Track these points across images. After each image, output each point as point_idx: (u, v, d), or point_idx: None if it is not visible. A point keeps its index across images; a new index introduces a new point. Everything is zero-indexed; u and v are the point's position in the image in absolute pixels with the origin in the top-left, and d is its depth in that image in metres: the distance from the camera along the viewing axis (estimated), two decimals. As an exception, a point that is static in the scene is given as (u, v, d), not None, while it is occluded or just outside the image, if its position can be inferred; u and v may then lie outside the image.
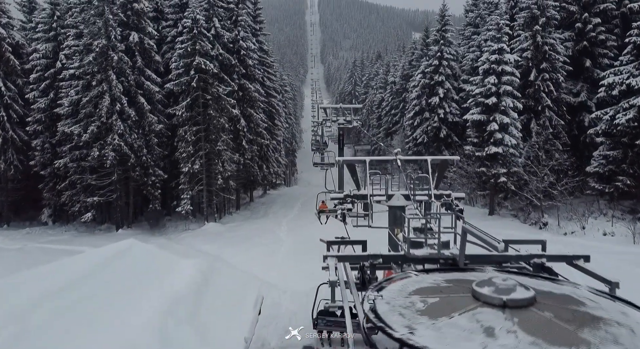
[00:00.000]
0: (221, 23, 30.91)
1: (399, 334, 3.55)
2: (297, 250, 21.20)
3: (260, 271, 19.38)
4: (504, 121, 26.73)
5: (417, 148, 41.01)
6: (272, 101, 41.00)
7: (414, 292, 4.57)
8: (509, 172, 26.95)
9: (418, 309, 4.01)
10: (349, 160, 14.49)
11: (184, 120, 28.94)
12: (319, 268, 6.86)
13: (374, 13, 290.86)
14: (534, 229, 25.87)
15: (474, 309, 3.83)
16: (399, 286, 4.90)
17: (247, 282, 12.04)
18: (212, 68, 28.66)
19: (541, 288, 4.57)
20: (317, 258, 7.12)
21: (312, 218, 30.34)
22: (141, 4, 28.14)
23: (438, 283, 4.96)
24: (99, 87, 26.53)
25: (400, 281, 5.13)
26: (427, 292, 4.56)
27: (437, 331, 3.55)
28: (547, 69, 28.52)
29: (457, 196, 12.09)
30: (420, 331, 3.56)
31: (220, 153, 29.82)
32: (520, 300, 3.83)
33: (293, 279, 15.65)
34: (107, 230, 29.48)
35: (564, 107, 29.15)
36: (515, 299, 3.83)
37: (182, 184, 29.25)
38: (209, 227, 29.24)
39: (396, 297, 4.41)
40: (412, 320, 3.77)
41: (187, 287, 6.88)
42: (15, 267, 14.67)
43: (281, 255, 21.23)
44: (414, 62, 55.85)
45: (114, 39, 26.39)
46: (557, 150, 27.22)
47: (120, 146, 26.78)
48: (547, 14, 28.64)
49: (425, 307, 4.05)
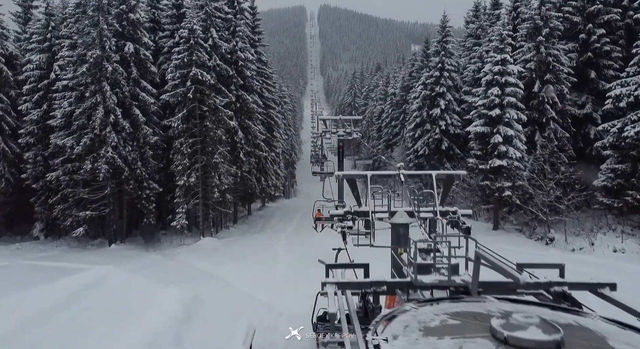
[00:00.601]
0: (219, 33, 30.39)
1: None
2: (295, 268, 20.39)
3: (256, 290, 18.59)
4: (508, 133, 26.06)
5: (418, 161, 40.37)
6: (270, 112, 40.40)
7: (424, 331, 3.87)
8: (514, 185, 26.21)
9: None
10: (349, 174, 13.67)
11: (179, 132, 28.25)
12: (317, 287, 6.63)
13: (373, 25, 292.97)
14: (540, 245, 25.04)
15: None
16: (405, 321, 4.18)
17: (240, 307, 11.23)
18: (209, 79, 28.06)
19: (567, 323, 3.98)
20: (316, 275, 6.98)
21: (311, 232, 29.45)
22: (137, 14, 27.62)
23: (450, 318, 4.25)
24: (93, 99, 25.88)
25: (406, 316, 4.38)
26: (438, 332, 3.85)
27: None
28: (551, 80, 27.95)
29: (463, 213, 11.34)
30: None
31: (217, 166, 29.08)
32: (549, 342, 3.25)
33: (290, 299, 14.89)
34: (100, 245, 28.60)
35: (568, 119, 28.52)
36: (543, 342, 3.23)
37: (178, 198, 28.45)
38: (204, 242, 28.36)
39: (402, 340, 3.69)
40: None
41: (166, 324, 6.11)
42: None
43: (278, 273, 20.39)
44: (414, 73, 55.49)
45: (108, 49, 25.81)
46: (562, 163, 26.51)
47: (113, 158, 26.04)
48: (551, 24, 28.16)
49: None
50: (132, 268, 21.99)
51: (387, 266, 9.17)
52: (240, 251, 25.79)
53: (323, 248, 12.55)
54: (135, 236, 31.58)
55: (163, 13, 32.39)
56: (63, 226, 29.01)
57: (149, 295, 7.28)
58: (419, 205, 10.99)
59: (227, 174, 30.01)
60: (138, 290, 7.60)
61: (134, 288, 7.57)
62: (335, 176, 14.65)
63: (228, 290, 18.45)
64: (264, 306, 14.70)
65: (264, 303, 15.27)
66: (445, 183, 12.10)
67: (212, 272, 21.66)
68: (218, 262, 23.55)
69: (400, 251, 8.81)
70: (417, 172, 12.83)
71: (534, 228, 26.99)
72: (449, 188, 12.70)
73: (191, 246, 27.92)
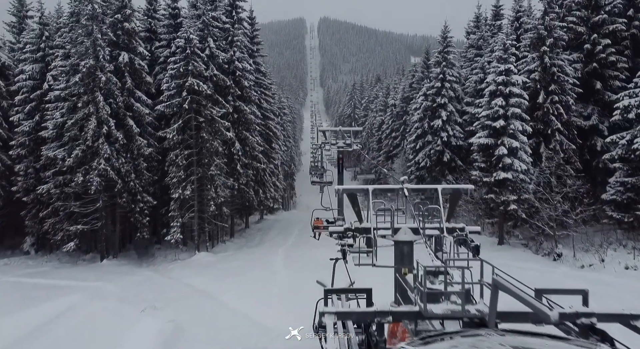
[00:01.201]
0: (216, 43, 29.80)
1: None
2: (294, 284, 19.51)
3: (251, 309, 17.72)
4: (513, 145, 25.30)
5: (420, 173, 39.60)
6: (269, 124, 39.72)
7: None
8: (520, 198, 25.37)
9: None
10: (350, 189, 12.78)
11: (175, 143, 27.50)
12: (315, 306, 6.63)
13: (372, 38, 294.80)
14: (548, 260, 24.12)
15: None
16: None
17: (232, 332, 10.34)
18: (205, 89, 27.38)
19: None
20: (315, 293, 6.79)
21: (310, 246, 28.59)
22: (132, 24, 27.02)
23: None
24: (85, 109, 25.15)
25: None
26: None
27: None
28: (556, 91, 27.29)
29: (471, 230, 10.51)
30: None
31: (213, 178, 28.28)
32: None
33: (288, 320, 13.96)
34: (92, 260, 27.64)
35: (574, 130, 27.79)
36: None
37: (172, 211, 27.61)
38: (199, 257, 27.45)
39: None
40: None
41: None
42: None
43: (276, 289, 19.48)
44: (414, 84, 55.06)
45: (102, 59, 25.15)
46: (569, 176, 25.72)
47: (106, 171, 25.23)
48: (555, 34, 27.58)
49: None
50: (122, 285, 21.11)
51: (389, 284, 8.50)
52: (236, 266, 24.88)
53: (322, 263, 11.85)
54: (129, 251, 30.64)
55: (160, 23, 31.85)
56: (54, 241, 28.09)
57: (124, 329, 6.43)
58: (424, 221, 10.27)
59: (224, 187, 29.19)
60: (111, 324, 6.75)
61: (105, 321, 6.73)
62: (335, 190, 13.77)
63: (220, 311, 17.54)
64: (259, 328, 13.83)
65: (260, 324, 14.41)
66: (451, 198, 11.31)
67: (206, 289, 20.77)
68: (213, 278, 22.65)
69: (404, 271, 8.19)
70: (422, 187, 11.98)
71: (540, 243, 26.10)
72: (455, 204, 11.88)
73: (186, 262, 27.00)
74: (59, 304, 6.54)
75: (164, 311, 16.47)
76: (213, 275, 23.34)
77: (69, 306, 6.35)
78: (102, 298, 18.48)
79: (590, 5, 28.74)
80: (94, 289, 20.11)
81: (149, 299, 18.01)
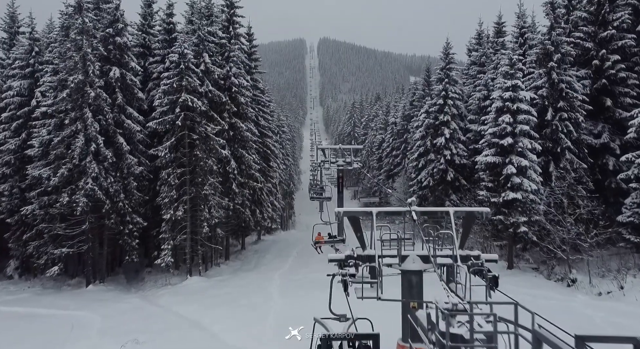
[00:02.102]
0: (212, 58, 28.84)
1: None
2: (290, 316, 17.94)
3: (244, 343, 16.33)
4: (522, 164, 24.06)
5: (423, 192, 38.28)
6: (266, 141, 38.57)
7: None
8: (530, 220, 24.00)
9: None
10: (352, 211, 11.39)
11: (167, 161, 26.26)
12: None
13: (372, 58, 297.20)
14: (561, 287, 22.63)
15: None
16: None
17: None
18: (200, 105, 26.29)
19: None
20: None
21: (308, 270, 27.11)
22: (124, 38, 26.06)
23: None
24: (73, 126, 23.98)
25: None
26: None
27: None
28: (564, 108, 26.21)
29: (488, 258, 9.21)
30: None
31: (207, 198, 26.96)
32: None
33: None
34: (77, 286, 26.07)
35: (585, 149, 26.61)
36: None
37: (163, 233, 26.19)
38: (191, 282, 25.93)
39: None
40: None
41: None
42: None
43: (271, 321, 18.06)
44: (415, 102, 54.16)
45: (92, 74, 24.08)
46: (581, 197, 24.42)
47: (93, 191, 23.92)
48: (562, 50, 26.62)
49: None
50: (105, 314, 19.62)
51: (393, 311, 7.25)
52: (229, 293, 23.39)
53: (321, 287, 10.62)
54: (118, 275, 29.09)
55: (154, 38, 30.95)
56: (37, 265, 26.59)
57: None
58: (435, 248, 9.06)
59: (218, 207, 27.84)
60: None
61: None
62: (335, 213, 12.38)
63: (210, 345, 16.09)
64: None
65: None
66: (464, 222, 9.99)
67: (197, 319, 19.32)
68: (204, 307, 21.18)
69: (413, 305, 7.10)
70: (432, 209, 10.68)
71: (552, 267, 24.65)
72: (469, 228, 10.52)
73: (176, 287, 25.46)
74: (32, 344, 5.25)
75: (146, 347, 15.00)
76: (204, 303, 21.86)
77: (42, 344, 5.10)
78: (81, 330, 16.99)
79: (597, 21, 27.90)
80: (75, 319, 18.63)
81: (132, 331, 16.58)
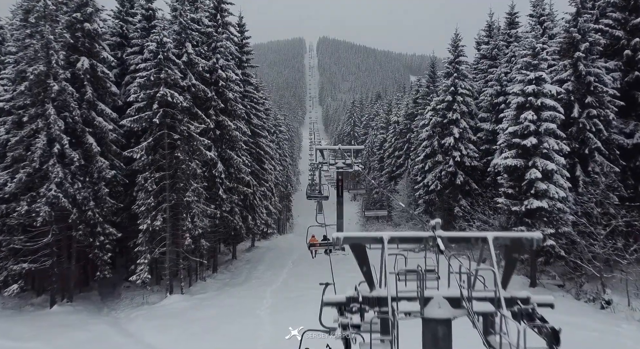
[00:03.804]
0: (196, 49, 25.78)
1: None
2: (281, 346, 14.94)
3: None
4: (548, 167, 21.00)
5: (429, 197, 35.28)
6: (260, 141, 35.50)
7: None
8: (557, 232, 20.95)
9: None
10: (355, 238, 8.08)
11: (144, 164, 23.21)
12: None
13: (371, 57, 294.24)
14: (593, 309, 19.58)
15: None
16: None
17: None
18: (181, 101, 23.23)
19: None
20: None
21: (304, 285, 23.80)
22: (95, 24, 22.96)
23: None
24: (33, 124, 20.91)
25: None
26: None
27: None
28: (593, 104, 23.19)
29: (542, 302, 6.08)
30: None
31: (189, 206, 23.91)
32: None
33: None
34: (42, 305, 22.96)
35: (615, 149, 23.60)
36: None
37: (140, 245, 23.13)
38: (171, 302, 22.86)
39: None
40: None
41: None
42: None
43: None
44: (419, 99, 51.08)
45: (55, 64, 20.99)
46: (610, 205, 21.40)
47: (57, 198, 20.84)
48: (590, 38, 23.58)
49: None
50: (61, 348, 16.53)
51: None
52: (212, 316, 20.31)
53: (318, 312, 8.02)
54: (91, 290, 25.98)
55: (133, 26, 27.84)
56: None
57: None
58: (469, 288, 6.00)
59: (203, 215, 24.78)
60: None
61: None
62: (332, 239, 8.98)
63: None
64: None
65: None
66: (508, 252, 6.80)
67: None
68: (181, 335, 18.11)
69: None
70: (464, 234, 7.50)
71: (580, 285, 21.62)
72: (515, 261, 7.28)
73: (153, 308, 22.37)
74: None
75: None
76: (182, 329, 18.78)
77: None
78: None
79: (628, 6, 24.85)
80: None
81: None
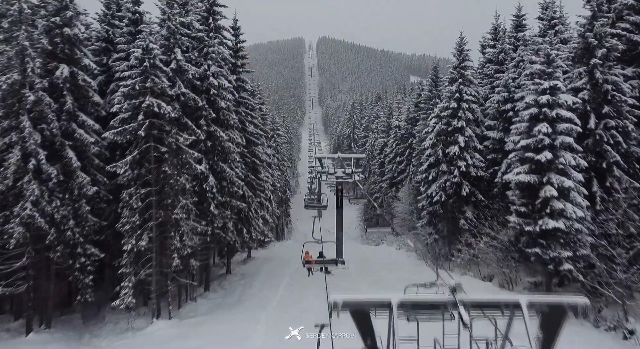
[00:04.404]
0: (185, 55, 24.17)
1: None
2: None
3: None
4: (565, 184, 19.39)
5: (433, 208, 33.66)
6: (255, 150, 33.88)
7: None
8: (575, 255, 19.35)
9: None
10: (358, 303, 6.32)
11: (128, 180, 21.58)
12: None
13: (371, 57, 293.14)
14: (614, 339, 17.95)
15: None
16: None
17: None
18: (169, 111, 21.62)
19: None
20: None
21: (302, 304, 22.13)
22: (75, 29, 21.31)
23: None
24: (7, 138, 19.31)
25: None
26: None
27: None
28: (610, 114, 21.60)
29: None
30: None
31: (178, 224, 22.30)
32: None
33: None
34: (18, 331, 21.33)
35: (635, 163, 22.01)
36: None
37: (124, 267, 21.49)
38: (157, 328, 21.22)
39: None
40: None
41: None
42: None
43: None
44: (421, 104, 49.48)
45: (31, 72, 19.38)
46: (635, 226, 19.80)
47: (32, 218, 19.24)
48: (606, 44, 21.99)
49: None
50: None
51: None
52: (200, 346, 18.67)
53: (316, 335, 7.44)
54: (73, 314, 24.34)
55: (119, 30, 26.21)
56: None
57: None
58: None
59: (193, 233, 23.16)
60: None
61: None
62: (329, 304, 7.24)
63: None
64: None
65: None
66: (547, 319, 5.18)
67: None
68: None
69: None
70: (489, 299, 5.78)
71: (598, 310, 20.00)
72: (557, 330, 5.60)
73: (137, 335, 20.72)
74: None
75: None
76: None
77: None
78: None
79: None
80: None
81: None
